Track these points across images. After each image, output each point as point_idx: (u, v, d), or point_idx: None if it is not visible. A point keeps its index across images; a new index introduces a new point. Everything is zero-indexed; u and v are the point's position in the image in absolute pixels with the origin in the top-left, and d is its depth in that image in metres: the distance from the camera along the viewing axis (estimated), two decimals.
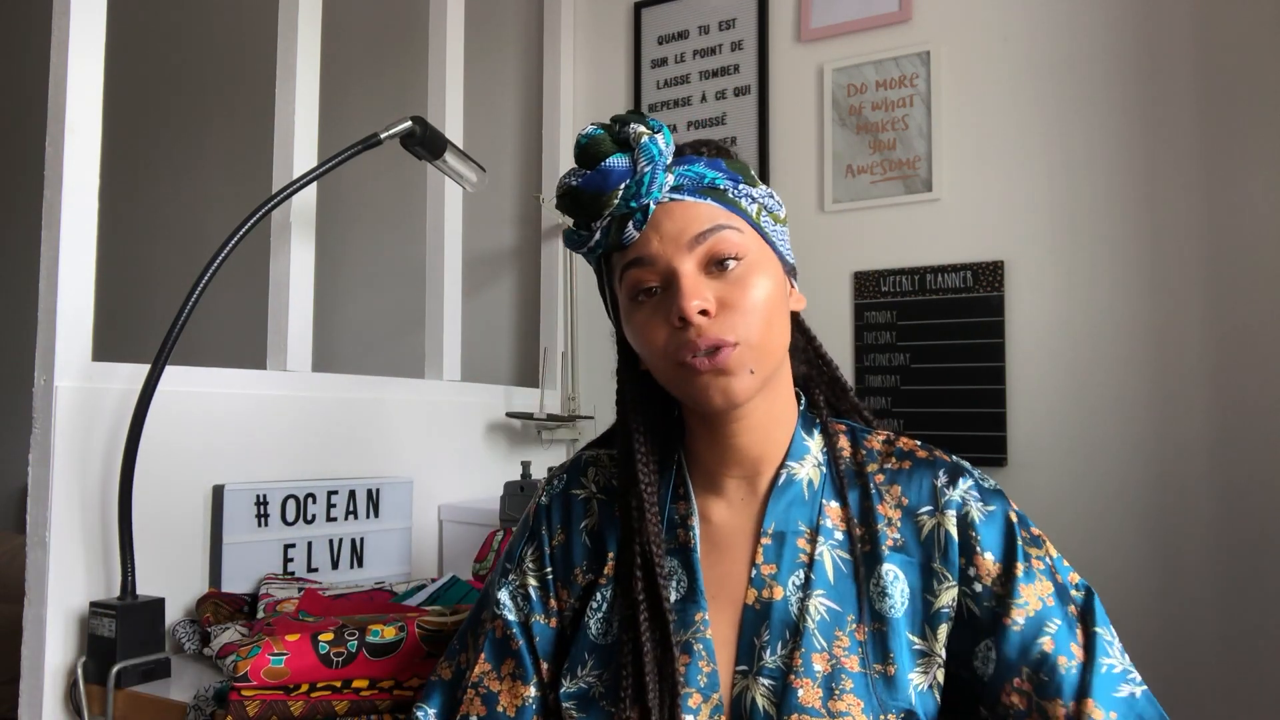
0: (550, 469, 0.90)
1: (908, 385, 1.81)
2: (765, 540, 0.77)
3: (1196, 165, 1.61)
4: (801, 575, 0.75)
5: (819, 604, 0.74)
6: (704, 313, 0.71)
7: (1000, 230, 1.75)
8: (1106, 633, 0.72)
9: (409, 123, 1.41)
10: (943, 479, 0.78)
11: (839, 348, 1.88)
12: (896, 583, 0.74)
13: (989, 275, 1.75)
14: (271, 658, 0.94)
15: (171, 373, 1.22)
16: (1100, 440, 1.65)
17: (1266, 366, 1.54)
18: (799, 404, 0.83)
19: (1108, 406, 1.65)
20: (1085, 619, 0.72)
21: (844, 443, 0.82)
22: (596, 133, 0.75)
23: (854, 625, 0.73)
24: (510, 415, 1.94)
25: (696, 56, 2.11)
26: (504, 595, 0.83)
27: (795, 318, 0.84)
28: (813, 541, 0.76)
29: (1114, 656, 0.70)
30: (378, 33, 2.58)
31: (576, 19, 2.26)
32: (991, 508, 0.76)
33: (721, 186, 0.75)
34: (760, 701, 0.71)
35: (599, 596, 0.80)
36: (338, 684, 0.95)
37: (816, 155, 1.94)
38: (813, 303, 1.93)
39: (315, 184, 1.46)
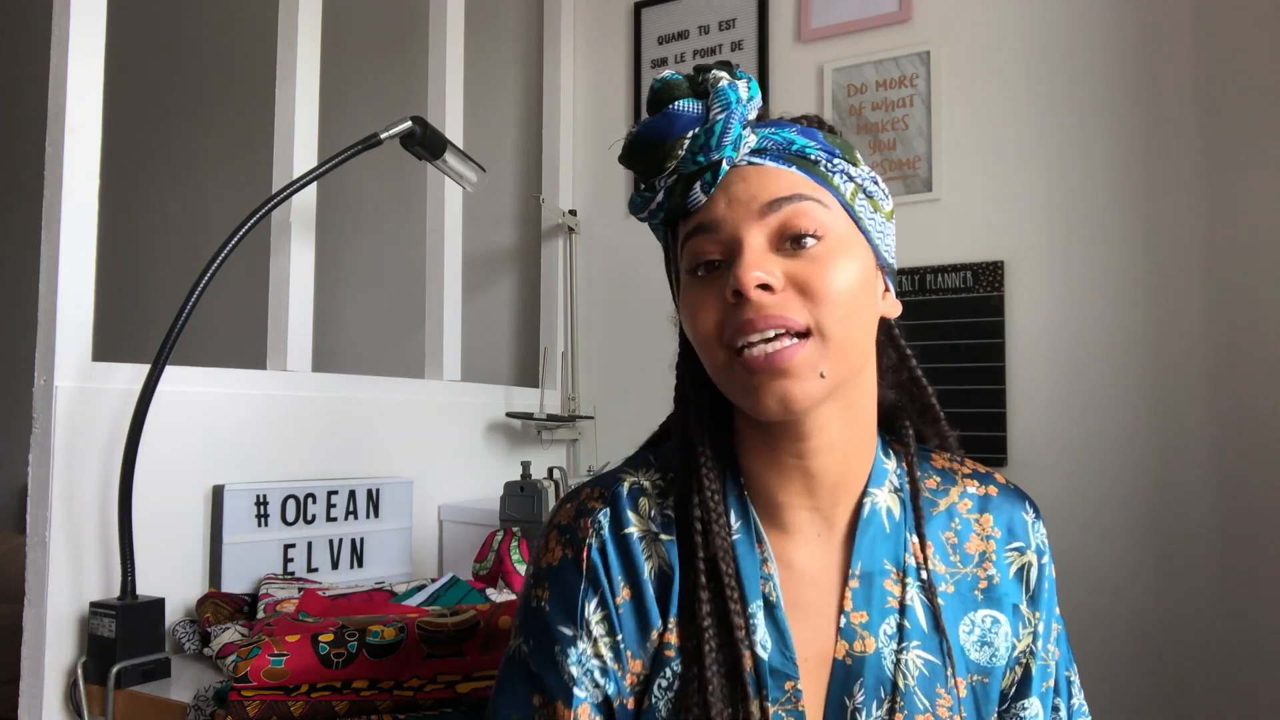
0: (577, 497, 0.71)
1: None
2: (854, 583, 0.65)
3: (1196, 165, 1.61)
4: (893, 623, 0.65)
5: (917, 657, 0.64)
6: (766, 288, 0.59)
7: (1000, 230, 1.75)
8: (1071, 673, 0.72)
9: (409, 123, 1.41)
10: (1030, 515, 0.71)
11: None
12: (1000, 628, 0.67)
13: (989, 275, 1.75)
14: (271, 658, 0.94)
15: (171, 373, 1.22)
16: (1100, 440, 1.65)
17: (1266, 366, 1.54)
18: None
19: (1107, 406, 1.65)
20: (1055, 659, 0.71)
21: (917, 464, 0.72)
22: (674, 78, 0.64)
23: (955, 679, 0.64)
24: (510, 415, 1.94)
25: (696, 56, 2.11)
26: (576, 670, 0.64)
27: (889, 330, 0.72)
28: (901, 583, 0.66)
29: (1075, 696, 0.72)
30: (378, 33, 2.58)
31: (576, 19, 2.26)
32: (1049, 556, 0.71)
33: (812, 156, 0.63)
34: None
35: (669, 672, 0.64)
36: (338, 684, 0.95)
37: None
38: None
39: (315, 184, 1.46)
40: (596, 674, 0.64)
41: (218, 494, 1.32)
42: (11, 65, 3.59)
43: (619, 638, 0.65)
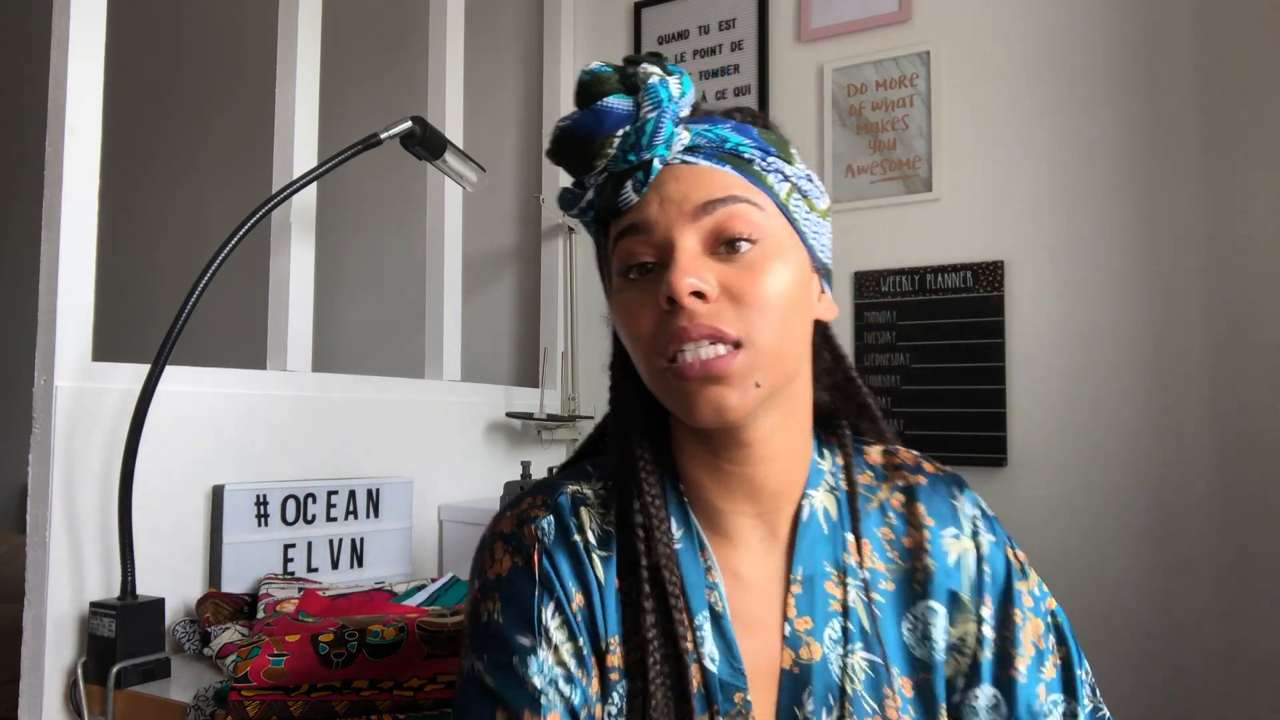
0: (518, 505, 0.68)
1: (908, 385, 1.81)
2: (795, 588, 0.64)
3: (1196, 165, 1.61)
4: (838, 627, 0.64)
5: (861, 659, 0.63)
6: (699, 295, 0.58)
7: (1000, 230, 1.75)
8: (1081, 671, 0.68)
9: (409, 123, 1.41)
10: (959, 499, 0.69)
11: None
12: (935, 618, 0.65)
13: (989, 275, 1.75)
14: (271, 658, 0.94)
15: (171, 373, 1.22)
16: (1100, 440, 1.65)
17: (1266, 366, 1.54)
18: None
19: (1107, 406, 1.65)
20: (1065, 658, 0.67)
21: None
22: (602, 70, 0.62)
23: (901, 679, 0.63)
24: (510, 415, 1.94)
25: (696, 56, 2.11)
26: (539, 680, 0.60)
27: (824, 331, 0.70)
28: (842, 585, 0.64)
29: (1087, 696, 0.67)
30: (378, 33, 2.58)
31: (576, 19, 2.26)
32: (993, 538, 0.68)
33: (747, 155, 0.62)
34: None
35: (615, 696, 0.61)
36: (338, 684, 0.95)
37: (816, 155, 1.94)
38: None
39: (315, 184, 1.46)
40: (561, 682, 0.60)
41: (218, 494, 1.32)
42: (11, 65, 3.59)
43: (580, 642, 0.62)
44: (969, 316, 1.76)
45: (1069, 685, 0.67)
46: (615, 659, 0.62)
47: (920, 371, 1.80)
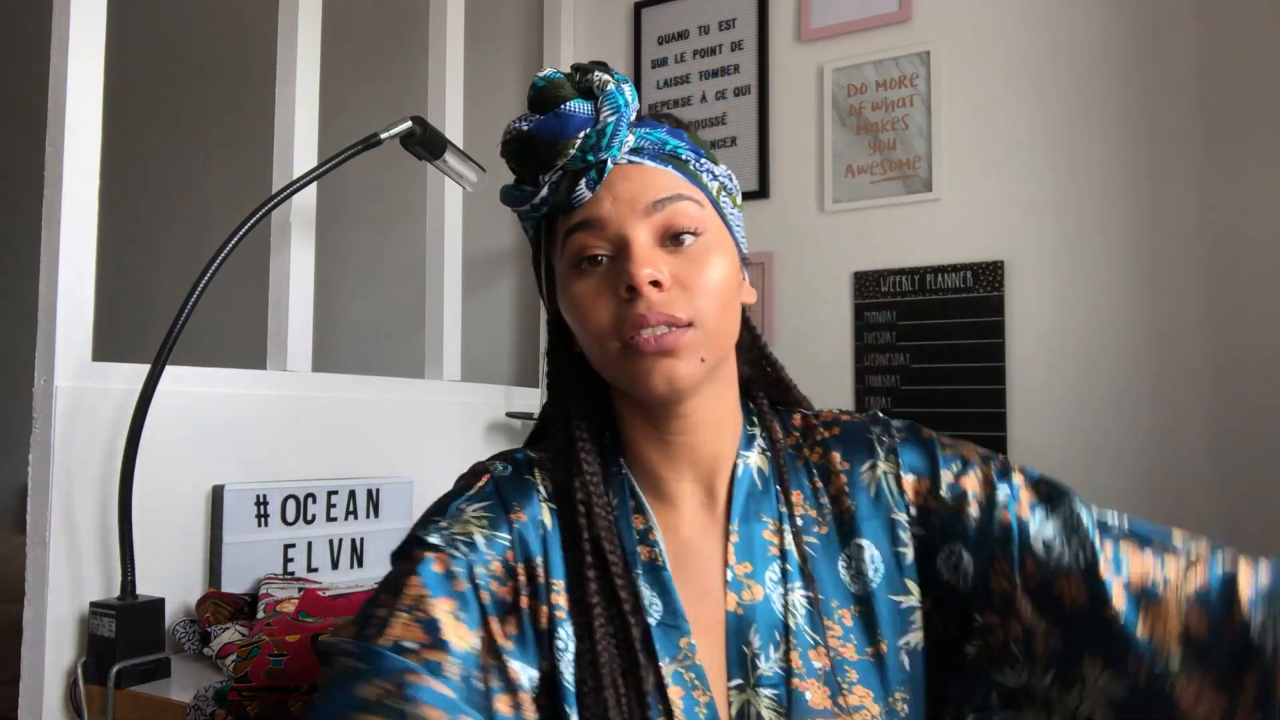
0: (478, 466, 0.74)
1: (908, 385, 1.81)
2: (734, 538, 0.71)
3: (1196, 165, 1.61)
4: (777, 569, 0.70)
5: (801, 596, 0.69)
6: (656, 284, 0.64)
7: (1000, 230, 1.75)
8: (1063, 486, 0.71)
9: (409, 123, 1.41)
10: (871, 432, 0.75)
11: (839, 348, 1.88)
12: (864, 553, 0.71)
13: (989, 275, 1.75)
14: (271, 658, 0.94)
15: (171, 373, 1.22)
16: (1100, 440, 1.65)
17: (1266, 366, 1.54)
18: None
19: (1108, 406, 1.65)
20: (1048, 490, 0.70)
21: (777, 425, 0.78)
22: (556, 76, 0.68)
23: (840, 611, 0.69)
24: (510, 415, 1.94)
25: (696, 56, 2.11)
26: (437, 539, 0.65)
27: (742, 313, 0.77)
28: (779, 532, 0.71)
29: (1080, 503, 0.71)
30: (378, 33, 2.58)
31: (576, 19, 2.26)
32: (903, 436, 0.75)
33: (684, 157, 0.69)
34: (766, 714, 0.65)
35: (563, 634, 0.66)
36: None
37: (816, 155, 1.94)
38: (813, 303, 1.93)
39: (315, 184, 1.46)
40: (460, 544, 0.65)
41: (218, 494, 1.32)
42: (12, 65, 3.59)
43: (500, 534, 0.67)
44: (969, 316, 1.76)
45: (1052, 499, 0.70)
46: (560, 598, 0.67)
47: (920, 371, 1.80)
